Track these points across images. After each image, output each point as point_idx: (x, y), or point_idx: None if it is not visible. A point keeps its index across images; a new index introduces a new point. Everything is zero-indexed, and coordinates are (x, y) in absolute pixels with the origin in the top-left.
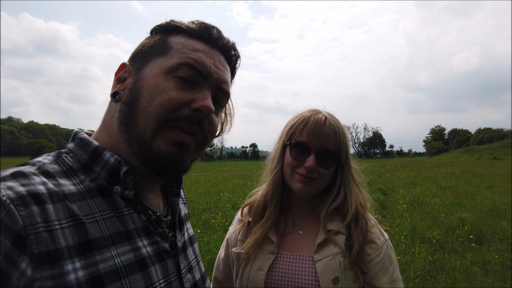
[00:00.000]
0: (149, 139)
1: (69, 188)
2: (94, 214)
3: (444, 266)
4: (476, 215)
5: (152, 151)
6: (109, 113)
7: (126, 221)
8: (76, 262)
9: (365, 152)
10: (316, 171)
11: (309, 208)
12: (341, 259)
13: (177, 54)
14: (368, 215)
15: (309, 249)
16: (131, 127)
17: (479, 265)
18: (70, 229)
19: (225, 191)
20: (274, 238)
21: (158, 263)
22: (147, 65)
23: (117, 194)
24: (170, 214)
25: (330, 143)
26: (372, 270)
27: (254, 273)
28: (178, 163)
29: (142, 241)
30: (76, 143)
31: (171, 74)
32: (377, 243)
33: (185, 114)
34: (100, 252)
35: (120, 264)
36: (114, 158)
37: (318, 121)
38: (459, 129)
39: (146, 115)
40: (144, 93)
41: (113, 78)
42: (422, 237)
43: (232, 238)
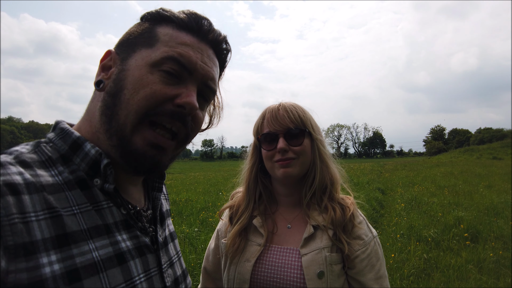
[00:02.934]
0: (128, 133)
1: (46, 179)
2: (72, 207)
3: (439, 264)
4: (473, 214)
5: (130, 147)
6: (92, 102)
7: (105, 214)
8: (52, 255)
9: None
10: (290, 152)
11: (295, 200)
12: (327, 254)
13: (163, 47)
14: (356, 210)
15: (297, 243)
16: (112, 119)
17: (474, 263)
18: (47, 221)
19: (224, 190)
20: (263, 231)
21: (138, 257)
22: (133, 56)
23: (96, 187)
24: (151, 209)
25: (289, 122)
26: (358, 266)
27: (242, 264)
28: (155, 163)
29: (121, 235)
30: (57, 133)
31: (156, 67)
32: (364, 239)
33: (167, 109)
34: (77, 245)
35: (98, 258)
36: (95, 150)
37: (273, 109)
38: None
39: (128, 108)
40: (128, 84)
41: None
42: (418, 236)
43: (222, 230)
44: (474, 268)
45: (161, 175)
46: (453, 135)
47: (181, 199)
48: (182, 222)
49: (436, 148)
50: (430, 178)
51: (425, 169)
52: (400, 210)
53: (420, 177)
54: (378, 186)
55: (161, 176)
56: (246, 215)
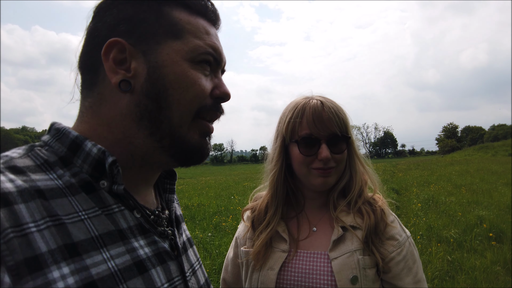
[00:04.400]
0: (184, 131)
1: (45, 183)
2: (78, 213)
3: (463, 265)
4: (495, 213)
5: (187, 144)
6: (103, 104)
7: (117, 219)
8: (64, 267)
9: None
10: (332, 160)
11: (322, 201)
12: (360, 257)
13: (193, 38)
14: (387, 208)
15: (324, 247)
16: (162, 122)
17: (500, 264)
18: (51, 229)
19: (235, 194)
20: (286, 236)
21: (159, 265)
22: (159, 49)
23: (104, 190)
24: (166, 210)
25: (335, 126)
26: (394, 269)
27: (265, 272)
28: (208, 151)
29: (138, 241)
30: (52, 134)
31: (193, 61)
32: (399, 240)
33: (210, 103)
34: (89, 255)
35: (114, 268)
36: (97, 149)
37: (316, 108)
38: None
39: (180, 109)
40: (172, 83)
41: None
42: (438, 236)
43: (241, 237)
44: (501, 270)
45: (173, 175)
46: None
47: (193, 203)
48: (195, 227)
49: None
50: (445, 177)
51: (439, 167)
52: (417, 210)
53: (435, 176)
54: (392, 186)
55: (172, 176)
56: (274, 223)
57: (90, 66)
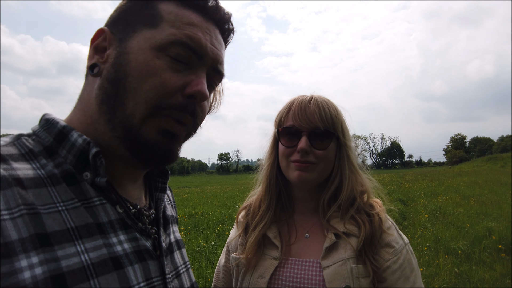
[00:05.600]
0: (137, 124)
1: (25, 172)
2: (55, 204)
3: (471, 278)
4: (504, 224)
5: (139, 138)
6: (85, 89)
7: (97, 212)
8: (33, 256)
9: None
10: (311, 154)
11: (315, 204)
12: (353, 265)
13: (169, 27)
14: (383, 214)
15: (317, 254)
16: (116, 109)
17: (510, 277)
18: (24, 218)
19: (240, 203)
20: (277, 243)
21: (137, 263)
22: (133, 36)
23: (86, 182)
24: (153, 209)
25: (318, 120)
26: (390, 279)
27: (255, 280)
28: (168, 153)
29: (117, 236)
30: (41, 124)
31: (162, 51)
32: (395, 247)
33: (178, 101)
34: (62, 246)
35: (88, 261)
36: (83, 139)
37: (303, 101)
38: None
39: (135, 98)
40: (132, 71)
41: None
42: (446, 248)
43: (233, 243)
44: (511, 283)
45: (165, 174)
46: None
47: (197, 212)
48: (198, 236)
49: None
50: (453, 188)
51: (447, 178)
52: (424, 221)
53: (443, 187)
54: (399, 197)
55: (164, 174)
56: (267, 218)
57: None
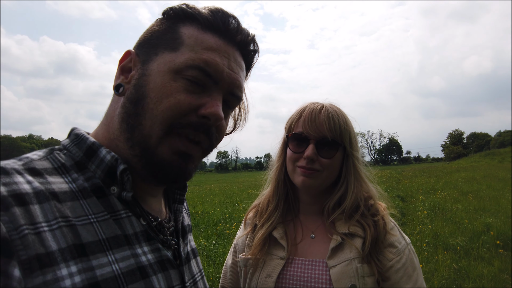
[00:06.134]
0: (153, 144)
1: (59, 186)
2: (87, 216)
3: (470, 274)
4: (502, 220)
5: (155, 158)
6: (111, 107)
7: (124, 224)
8: (72, 266)
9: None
10: (317, 162)
11: (319, 207)
12: (358, 265)
13: (188, 51)
14: (387, 216)
15: (323, 254)
16: (135, 128)
17: (509, 273)
18: (62, 230)
19: (240, 201)
20: (284, 243)
21: (160, 272)
22: (155, 59)
23: (113, 195)
24: (173, 221)
25: (327, 130)
26: (393, 277)
27: (263, 280)
28: (181, 172)
29: (142, 247)
30: (71, 139)
31: (179, 74)
32: (398, 247)
33: (192, 121)
34: (96, 257)
35: (118, 271)
36: (111, 156)
37: (314, 109)
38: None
39: (152, 118)
40: (150, 92)
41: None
42: (445, 244)
43: (240, 244)
44: (509, 278)
45: (183, 186)
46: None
47: (197, 211)
48: (199, 235)
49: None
50: (451, 184)
51: (445, 174)
52: (423, 217)
53: (441, 183)
54: (398, 194)
55: (183, 187)
56: (275, 217)
57: None
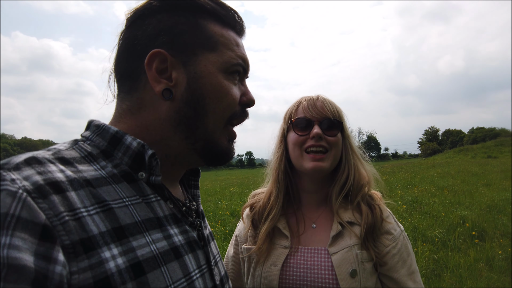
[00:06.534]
0: (216, 137)
1: (90, 173)
2: (122, 199)
3: (448, 264)
4: (476, 212)
5: (218, 148)
6: (142, 108)
7: (155, 208)
8: (113, 248)
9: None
10: (324, 140)
11: (320, 197)
12: (358, 251)
13: (226, 50)
14: (383, 205)
15: (324, 242)
16: (198, 127)
17: (483, 261)
18: (99, 215)
19: (223, 199)
20: (287, 233)
21: (190, 252)
22: (197, 60)
23: (142, 181)
24: (194, 202)
25: (327, 111)
26: (390, 262)
27: (268, 269)
28: (233, 154)
29: (172, 229)
30: (92, 130)
31: (226, 72)
32: (394, 234)
33: (238, 110)
34: (135, 238)
35: (156, 251)
36: (137, 142)
37: (311, 98)
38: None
39: (215, 116)
40: (209, 93)
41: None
42: (424, 236)
43: (242, 235)
44: (484, 267)
45: (196, 172)
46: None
47: None
48: None
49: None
50: (428, 179)
51: (422, 170)
52: (402, 212)
53: (418, 178)
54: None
55: (196, 173)
56: (277, 209)
57: (130, 73)
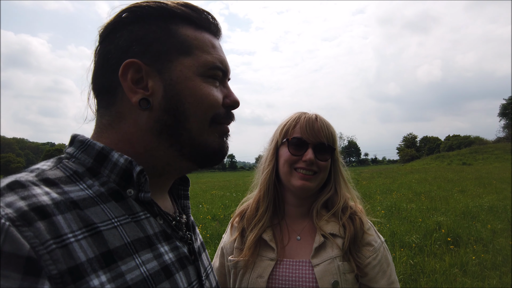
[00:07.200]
0: (204, 139)
1: (77, 194)
2: (111, 220)
3: (424, 269)
4: (451, 219)
5: (208, 148)
6: (122, 121)
7: (144, 226)
8: (102, 275)
9: None
10: (315, 164)
11: (305, 209)
12: (340, 263)
13: (202, 53)
14: (364, 217)
15: (308, 254)
16: (181, 133)
17: (458, 267)
18: (87, 239)
19: (204, 202)
20: (273, 245)
21: (181, 270)
22: (172, 67)
23: (131, 198)
24: (184, 215)
25: (323, 136)
26: (371, 273)
27: (254, 280)
28: (227, 149)
29: (163, 247)
30: (77, 146)
31: (204, 75)
32: (374, 246)
33: (223, 112)
34: (124, 261)
35: (146, 273)
36: (124, 159)
37: (310, 118)
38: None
39: (197, 120)
40: (187, 98)
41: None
42: (401, 242)
43: (228, 247)
44: (459, 272)
45: (186, 182)
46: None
47: None
48: None
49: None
50: (406, 185)
51: (400, 176)
52: (381, 217)
53: (397, 184)
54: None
55: (185, 183)
56: (265, 220)
57: (106, 87)
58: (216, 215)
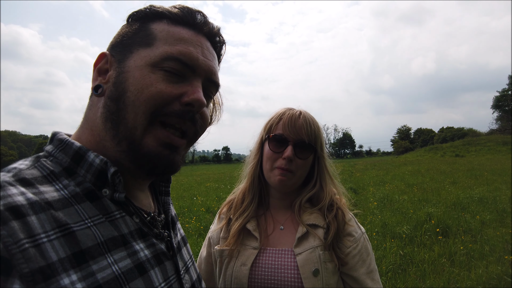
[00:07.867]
0: (139, 135)
1: (52, 195)
2: (84, 221)
3: (414, 259)
4: (442, 210)
5: (142, 150)
6: (91, 109)
7: (119, 225)
8: (72, 274)
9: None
10: (294, 162)
11: (289, 202)
12: (321, 252)
13: (162, 45)
14: (345, 209)
15: (290, 244)
16: (119, 124)
17: (446, 257)
18: (60, 240)
19: (198, 195)
20: (257, 234)
21: (157, 266)
22: (130, 57)
23: (106, 198)
24: (162, 213)
25: (304, 134)
26: (351, 262)
27: (238, 268)
28: (169, 164)
29: (138, 244)
30: (55, 145)
31: (157, 67)
32: (355, 236)
33: (176, 109)
34: (96, 261)
35: (118, 271)
36: (100, 159)
37: (293, 115)
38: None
39: (135, 110)
40: (130, 86)
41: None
42: (392, 233)
43: (214, 236)
44: (447, 262)
45: (168, 179)
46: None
47: None
48: None
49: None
50: (399, 177)
51: (394, 168)
52: (373, 208)
53: (390, 175)
54: (351, 186)
55: (167, 179)
56: (250, 211)
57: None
58: (210, 207)
